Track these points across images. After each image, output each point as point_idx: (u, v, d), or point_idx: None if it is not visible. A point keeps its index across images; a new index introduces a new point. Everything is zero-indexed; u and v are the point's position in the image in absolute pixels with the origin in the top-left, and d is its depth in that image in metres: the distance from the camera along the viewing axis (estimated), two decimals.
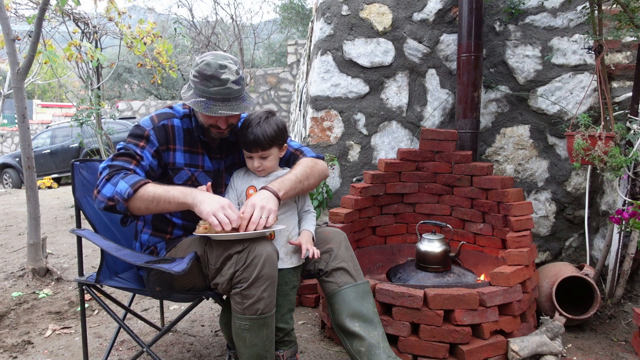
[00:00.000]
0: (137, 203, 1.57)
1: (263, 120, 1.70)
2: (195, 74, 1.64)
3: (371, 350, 1.64)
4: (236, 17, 13.49)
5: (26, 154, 3.07)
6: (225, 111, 1.61)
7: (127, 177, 1.59)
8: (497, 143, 3.10)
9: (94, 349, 2.25)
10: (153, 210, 1.61)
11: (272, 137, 1.69)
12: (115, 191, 1.56)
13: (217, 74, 1.61)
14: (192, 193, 1.57)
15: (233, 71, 1.64)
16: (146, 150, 1.69)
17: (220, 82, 1.61)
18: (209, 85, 1.62)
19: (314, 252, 1.70)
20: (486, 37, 3.06)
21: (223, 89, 1.62)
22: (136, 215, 1.65)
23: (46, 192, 8.52)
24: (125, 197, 1.55)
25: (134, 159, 1.66)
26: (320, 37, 3.14)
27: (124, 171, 1.62)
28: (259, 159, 1.73)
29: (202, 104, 1.62)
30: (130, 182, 1.57)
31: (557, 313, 2.30)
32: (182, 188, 1.62)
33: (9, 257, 3.79)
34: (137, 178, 1.59)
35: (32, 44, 2.98)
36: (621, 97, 2.80)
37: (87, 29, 5.81)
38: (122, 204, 1.56)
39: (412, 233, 2.88)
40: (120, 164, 1.64)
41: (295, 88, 8.42)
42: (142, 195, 1.56)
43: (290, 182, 1.70)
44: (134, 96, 17.99)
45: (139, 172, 1.65)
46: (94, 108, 5.83)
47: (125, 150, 1.67)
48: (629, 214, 2.30)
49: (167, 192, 1.58)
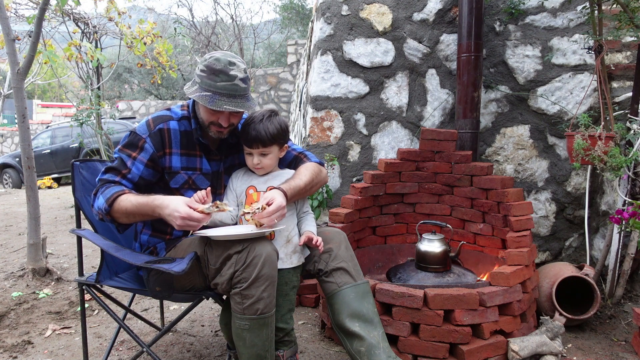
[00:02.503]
0: (117, 215, 1.64)
1: (266, 117, 1.72)
2: (203, 69, 1.65)
3: (371, 350, 1.64)
4: (236, 17, 13.50)
5: (26, 154, 3.07)
6: (230, 107, 1.62)
7: (106, 190, 1.65)
8: (497, 143, 3.10)
9: (94, 349, 2.25)
10: (135, 221, 1.69)
11: (274, 134, 1.70)
12: (98, 205, 1.64)
13: (226, 69, 1.62)
14: (154, 202, 1.58)
15: (241, 69, 1.66)
16: (137, 161, 1.71)
17: (229, 77, 1.62)
18: (217, 80, 1.62)
19: (318, 240, 1.72)
20: (486, 37, 3.06)
21: (230, 85, 1.63)
22: (126, 225, 1.72)
23: (46, 192, 8.52)
24: (104, 211, 1.63)
25: (120, 173, 1.70)
26: (320, 37, 3.14)
27: (107, 184, 1.67)
28: (259, 155, 1.73)
29: (207, 98, 1.62)
30: (106, 196, 1.62)
31: (557, 313, 2.30)
32: (143, 201, 1.61)
33: (9, 257, 3.79)
34: (113, 191, 1.63)
35: (32, 44, 2.99)
36: (621, 97, 2.80)
37: (87, 29, 5.81)
38: (107, 217, 1.65)
39: (412, 233, 2.88)
40: (107, 177, 1.70)
41: (295, 88, 8.42)
42: (118, 209, 1.62)
43: (298, 187, 1.73)
44: (134, 96, 17.99)
45: (125, 184, 1.69)
46: (94, 108, 5.83)
47: (113, 165, 1.71)
48: (629, 214, 2.30)
49: (136, 207, 1.61)
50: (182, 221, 1.50)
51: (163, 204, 1.55)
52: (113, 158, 1.74)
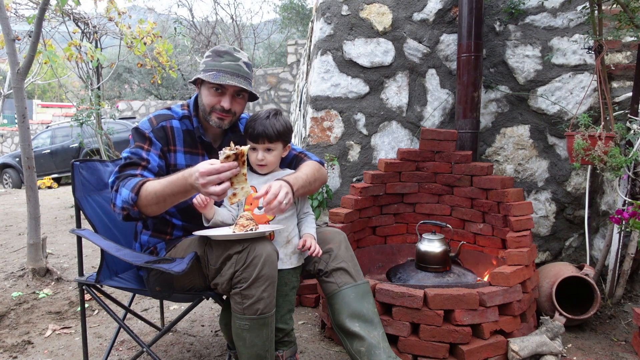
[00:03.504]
0: (146, 205, 1.55)
1: (272, 115, 1.75)
2: (208, 54, 1.74)
3: (371, 350, 1.64)
4: (236, 17, 13.49)
5: (26, 154, 3.07)
6: (233, 82, 1.66)
7: (128, 182, 1.58)
8: (497, 143, 3.10)
9: (94, 349, 2.25)
10: (166, 207, 1.58)
11: (280, 131, 1.73)
12: (122, 199, 1.56)
13: (231, 51, 1.73)
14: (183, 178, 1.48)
15: (245, 57, 1.75)
16: (152, 152, 1.69)
17: (233, 57, 1.71)
18: (221, 60, 1.70)
19: (316, 249, 1.70)
20: (486, 37, 3.06)
21: (234, 64, 1.71)
22: (155, 216, 1.65)
23: (46, 192, 8.52)
24: (131, 202, 1.54)
25: (139, 165, 1.65)
26: (320, 37, 3.14)
27: (128, 178, 1.60)
28: (264, 151, 1.74)
29: (211, 75, 1.68)
30: (130, 186, 1.55)
31: (557, 313, 2.30)
32: (172, 178, 1.52)
33: (9, 257, 3.79)
34: (135, 180, 1.57)
35: (32, 44, 2.99)
36: (621, 97, 2.80)
37: (87, 29, 5.81)
38: (133, 209, 1.55)
39: (412, 233, 2.88)
40: (126, 173, 1.63)
41: (295, 88, 8.41)
42: (146, 196, 1.53)
43: (302, 180, 1.71)
44: (134, 96, 17.98)
45: (147, 175, 1.63)
46: (94, 108, 5.83)
47: (130, 160, 1.66)
48: (629, 214, 2.30)
49: (165, 187, 1.52)
50: (203, 178, 1.38)
51: (191, 169, 1.45)
52: (122, 158, 1.69)
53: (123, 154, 1.70)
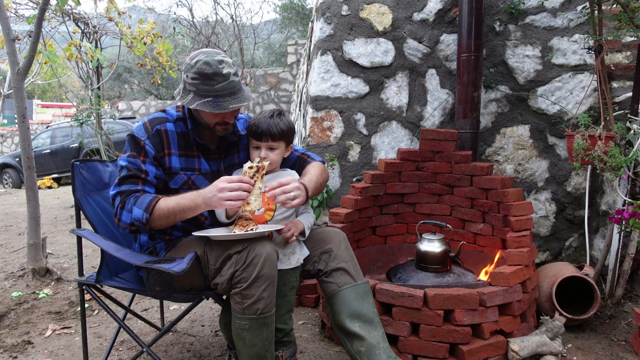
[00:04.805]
0: (157, 222, 1.63)
1: (276, 115, 1.77)
2: (194, 76, 1.62)
3: (371, 350, 1.64)
4: (236, 17, 13.46)
5: (26, 154, 3.07)
6: (235, 104, 1.65)
7: (138, 200, 1.62)
8: (497, 143, 3.10)
9: (94, 349, 2.25)
10: (175, 222, 1.67)
11: (283, 130, 1.75)
12: (133, 218, 1.61)
13: (219, 70, 1.62)
14: (199, 197, 1.60)
15: (230, 64, 1.67)
16: (148, 163, 1.70)
17: (224, 77, 1.63)
18: (214, 84, 1.62)
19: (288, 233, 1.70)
20: (486, 37, 3.06)
21: (228, 84, 1.64)
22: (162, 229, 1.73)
23: (46, 192, 8.51)
24: (144, 222, 1.60)
25: (139, 179, 1.67)
26: (320, 37, 3.14)
27: (134, 195, 1.64)
28: (267, 149, 1.76)
29: (210, 104, 1.62)
30: (143, 206, 1.60)
31: (557, 313, 2.30)
32: (188, 196, 1.64)
33: (9, 257, 3.79)
34: (148, 199, 1.62)
35: (32, 44, 2.98)
36: (621, 97, 2.80)
37: (87, 29, 5.80)
38: (144, 227, 1.63)
39: (412, 233, 2.88)
40: (127, 188, 1.66)
41: (295, 88, 8.41)
42: (159, 215, 1.61)
43: (314, 182, 1.77)
44: (134, 96, 17.98)
45: (148, 190, 1.68)
46: (94, 108, 5.82)
47: (129, 172, 1.67)
48: (629, 214, 2.30)
49: (178, 204, 1.61)
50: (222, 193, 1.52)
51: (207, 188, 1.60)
52: (120, 166, 1.70)
53: (120, 161, 1.70)
